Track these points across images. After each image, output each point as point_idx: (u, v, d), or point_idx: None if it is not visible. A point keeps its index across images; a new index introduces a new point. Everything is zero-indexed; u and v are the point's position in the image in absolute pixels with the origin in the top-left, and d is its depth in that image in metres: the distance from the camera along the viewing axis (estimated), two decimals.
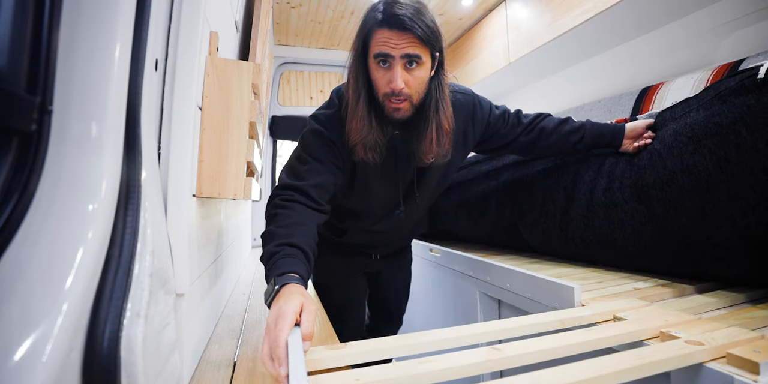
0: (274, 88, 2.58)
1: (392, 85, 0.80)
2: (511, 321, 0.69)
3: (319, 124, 0.90)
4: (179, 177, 0.60)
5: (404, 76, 0.80)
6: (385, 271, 1.27)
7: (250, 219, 2.24)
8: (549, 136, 1.05)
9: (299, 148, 0.91)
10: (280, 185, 0.85)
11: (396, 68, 0.80)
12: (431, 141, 0.87)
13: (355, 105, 0.84)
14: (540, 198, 1.15)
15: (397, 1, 0.79)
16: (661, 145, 0.89)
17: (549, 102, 2.27)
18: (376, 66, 0.82)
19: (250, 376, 0.65)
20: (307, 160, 0.86)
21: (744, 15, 1.30)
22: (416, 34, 0.77)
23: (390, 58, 0.80)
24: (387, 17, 0.78)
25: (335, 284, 1.20)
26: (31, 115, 0.37)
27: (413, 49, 0.79)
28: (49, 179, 0.37)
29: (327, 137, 0.88)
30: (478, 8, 2.18)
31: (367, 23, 0.82)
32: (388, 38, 0.79)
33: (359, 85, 0.84)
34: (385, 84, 0.82)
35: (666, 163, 0.86)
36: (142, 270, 0.41)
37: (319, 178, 0.85)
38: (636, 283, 0.91)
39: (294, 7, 2.09)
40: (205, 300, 0.82)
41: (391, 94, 0.82)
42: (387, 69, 0.81)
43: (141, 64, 0.47)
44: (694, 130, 0.82)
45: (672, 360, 0.52)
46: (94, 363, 0.34)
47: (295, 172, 0.86)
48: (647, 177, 0.89)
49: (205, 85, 0.70)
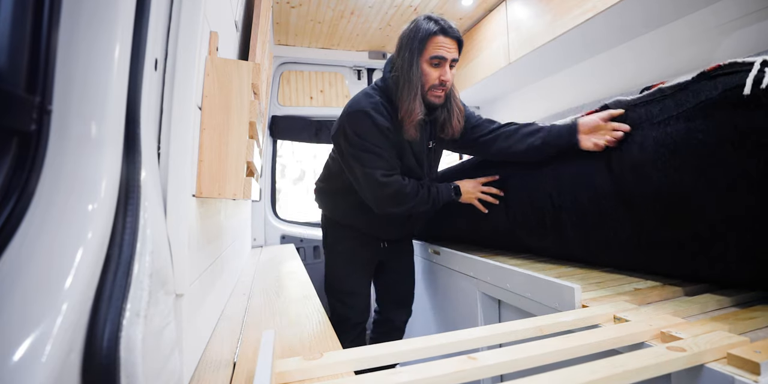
0: (274, 88, 2.58)
1: (443, 78, 1.10)
2: (511, 324, 0.69)
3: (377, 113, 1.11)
4: (179, 177, 0.59)
5: (451, 74, 1.11)
6: (391, 258, 1.45)
7: (250, 219, 2.24)
8: (509, 137, 1.17)
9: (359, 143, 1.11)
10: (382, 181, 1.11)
11: (446, 67, 1.10)
12: (457, 117, 1.17)
13: (413, 94, 1.09)
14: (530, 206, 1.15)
15: (441, 17, 1.09)
16: (642, 156, 0.84)
17: (549, 102, 2.27)
18: (428, 65, 1.10)
19: (250, 376, 0.65)
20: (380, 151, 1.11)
21: (744, 15, 1.30)
22: (460, 43, 1.11)
23: (443, 60, 1.09)
24: (443, 28, 1.07)
25: (350, 271, 1.38)
26: (31, 115, 0.37)
27: (456, 54, 1.11)
28: (48, 179, 0.37)
29: (385, 126, 1.11)
30: (478, 8, 2.18)
31: (424, 31, 1.07)
32: (443, 44, 1.07)
33: (415, 79, 1.09)
34: (435, 78, 1.10)
35: (651, 179, 0.82)
36: (142, 270, 0.41)
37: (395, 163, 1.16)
38: (636, 283, 0.91)
39: (294, 6, 2.09)
40: (205, 300, 0.82)
41: (438, 86, 1.11)
42: (437, 67, 1.10)
43: (141, 63, 0.47)
44: (677, 143, 0.77)
45: (672, 362, 0.52)
46: (93, 363, 0.34)
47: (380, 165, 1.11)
48: (633, 188, 0.86)
49: (204, 85, 0.70)
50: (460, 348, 0.63)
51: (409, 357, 0.61)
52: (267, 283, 1.41)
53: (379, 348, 0.61)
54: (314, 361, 0.58)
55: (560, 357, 0.57)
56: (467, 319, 1.24)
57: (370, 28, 2.38)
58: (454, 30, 1.08)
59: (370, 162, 1.11)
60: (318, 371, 0.57)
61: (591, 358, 0.53)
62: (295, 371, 0.56)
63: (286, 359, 0.59)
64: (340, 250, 1.39)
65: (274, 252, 2.18)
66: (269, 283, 1.40)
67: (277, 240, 2.52)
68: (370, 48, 2.70)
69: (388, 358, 0.60)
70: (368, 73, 2.77)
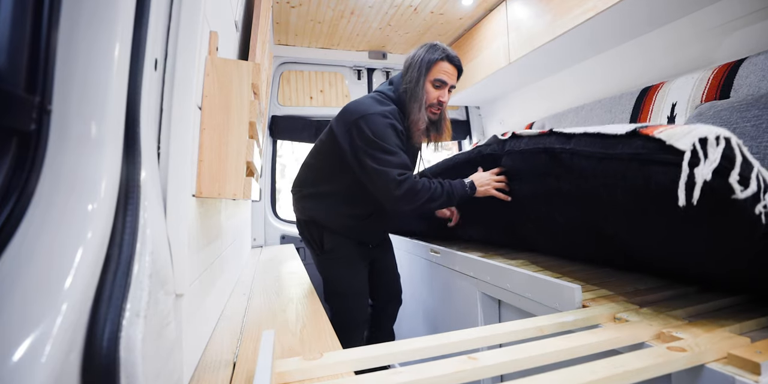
0: (274, 87, 2.58)
1: (441, 99, 1.30)
2: (512, 324, 0.69)
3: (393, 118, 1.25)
4: (179, 177, 0.59)
5: (448, 97, 1.32)
6: (379, 256, 1.58)
7: (250, 219, 2.24)
8: None
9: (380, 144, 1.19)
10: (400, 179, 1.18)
11: (445, 90, 1.30)
12: (447, 125, 1.38)
13: (418, 106, 1.28)
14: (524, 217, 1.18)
15: (447, 46, 1.29)
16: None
17: (549, 102, 2.27)
18: (431, 86, 1.28)
19: (250, 376, 0.65)
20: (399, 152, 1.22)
21: (744, 15, 1.30)
22: (460, 71, 1.32)
23: (444, 84, 1.29)
24: (449, 56, 1.27)
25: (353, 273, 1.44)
26: (31, 115, 0.37)
27: (455, 81, 1.32)
28: (48, 179, 0.37)
29: (400, 129, 1.25)
30: (478, 8, 2.18)
31: (431, 56, 1.26)
32: (447, 70, 1.28)
33: (420, 95, 1.27)
34: (435, 97, 1.29)
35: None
36: (142, 270, 0.41)
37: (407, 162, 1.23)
38: (636, 283, 0.91)
39: (294, 6, 2.08)
40: (205, 300, 0.81)
41: (436, 105, 1.31)
42: (438, 89, 1.29)
43: (140, 63, 0.47)
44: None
45: (673, 362, 0.52)
46: (93, 363, 0.34)
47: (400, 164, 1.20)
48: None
49: (204, 85, 0.70)
50: (460, 348, 0.63)
51: (409, 357, 0.61)
52: (267, 283, 1.41)
53: (379, 348, 0.61)
54: (314, 361, 0.58)
55: (560, 357, 0.57)
56: (467, 319, 1.24)
57: (370, 28, 2.38)
58: (457, 59, 1.29)
59: (387, 162, 1.18)
60: (318, 371, 0.57)
61: (591, 359, 0.53)
62: (295, 371, 0.56)
63: (286, 359, 0.59)
64: (339, 255, 1.41)
65: (274, 252, 2.18)
66: (269, 283, 1.40)
67: (277, 240, 2.52)
68: (370, 48, 2.70)
69: (388, 358, 0.60)
70: (368, 73, 2.77)
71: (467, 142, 3.04)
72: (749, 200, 0.55)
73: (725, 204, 0.56)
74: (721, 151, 0.55)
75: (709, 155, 0.55)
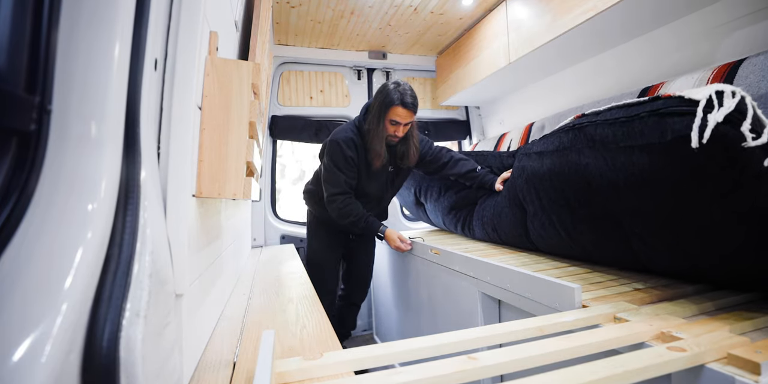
0: (274, 87, 2.58)
1: (396, 134, 1.62)
2: (512, 324, 0.68)
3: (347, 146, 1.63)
4: (179, 177, 0.59)
5: (402, 131, 1.63)
6: (357, 248, 1.99)
7: (250, 219, 2.24)
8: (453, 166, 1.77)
9: (331, 163, 1.64)
10: (334, 192, 1.64)
11: (400, 127, 1.61)
12: (413, 153, 1.71)
13: (377, 137, 1.61)
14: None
15: (407, 91, 1.56)
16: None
17: (549, 102, 2.27)
18: (389, 123, 1.60)
19: (250, 376, 0.65)
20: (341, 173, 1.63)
21: (744, 15, 1.30)
22: (414, 112, 1.60)
23: (399, 124, 1.60)
24: (404, 102, 1.55)
25: (325, 250, 1.92)
26: (30, 115, 0.37)
27: (410, 119, 1.60)
28: (48, 179, 0.37)
29: (350, 156, 1.63)
30: (478, 8, 2.18)
31: (390, 99, 1.55)
32: (401, 113, 1.57)
33: (380, 127, 1.60)
34: (392, 132, 1.62)
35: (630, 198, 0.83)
36: (142, 270, 0.41)
37: (352, 182, 1.66)
38: (636, 283, 0.91)
39: (294, 6, 2.08)
40: (205, 300, 0.81)
41: (393, 135, 1.63)
42: (394, 126, 1.60)
43: (140, 63, 0.47)
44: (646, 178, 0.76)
45: (673, 362, 0.52)
46: (93, 363, 0.34)
47: (338, 183, 1.64)
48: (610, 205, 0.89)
49: (204, 85, 0.70)
50: (460, 348, 0.63)
51: (409, 357, 0.61)
52: (267, 283, 1.41)
53: (379, 348, 0.61)
54: (314, 361, 0.58)
55: (560, 357, 0.57)
56: (467, 319, 1.24)
57: (370, 28, 2.38)
58: (410, 105, 1.56)
59: (331, 180, 1.64)
60: (318, 371, 0.57)
61: (591, 358, 0.53)
62: (295, 371, 0.56)
63: (286, 359, 0.59)
64: (320, 236, 1.94)
65: (274, 252, 2.18)
66: (269, 283, 1.40)
67: (277, 240, 2.53)
68: (370, 48, 2.70)
69: (388, 358, 0.60)
70: (368, 73, 2.77)
71: (467, 142, 3.04)
72: (759, 151, 0.57)
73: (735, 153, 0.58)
74: (735, 102, 0.58)
75: (724, 104, 0.59)
